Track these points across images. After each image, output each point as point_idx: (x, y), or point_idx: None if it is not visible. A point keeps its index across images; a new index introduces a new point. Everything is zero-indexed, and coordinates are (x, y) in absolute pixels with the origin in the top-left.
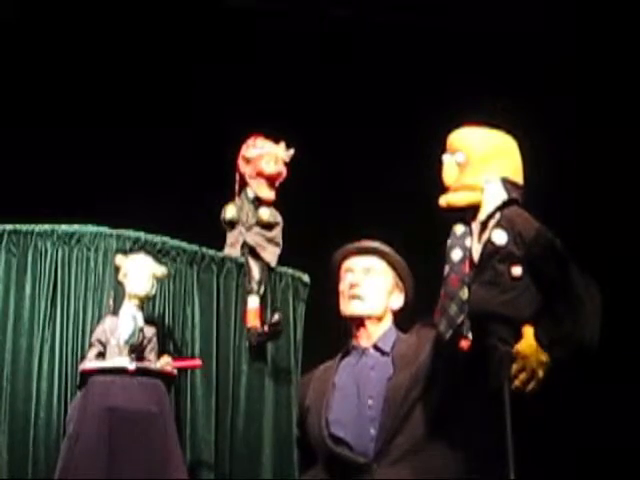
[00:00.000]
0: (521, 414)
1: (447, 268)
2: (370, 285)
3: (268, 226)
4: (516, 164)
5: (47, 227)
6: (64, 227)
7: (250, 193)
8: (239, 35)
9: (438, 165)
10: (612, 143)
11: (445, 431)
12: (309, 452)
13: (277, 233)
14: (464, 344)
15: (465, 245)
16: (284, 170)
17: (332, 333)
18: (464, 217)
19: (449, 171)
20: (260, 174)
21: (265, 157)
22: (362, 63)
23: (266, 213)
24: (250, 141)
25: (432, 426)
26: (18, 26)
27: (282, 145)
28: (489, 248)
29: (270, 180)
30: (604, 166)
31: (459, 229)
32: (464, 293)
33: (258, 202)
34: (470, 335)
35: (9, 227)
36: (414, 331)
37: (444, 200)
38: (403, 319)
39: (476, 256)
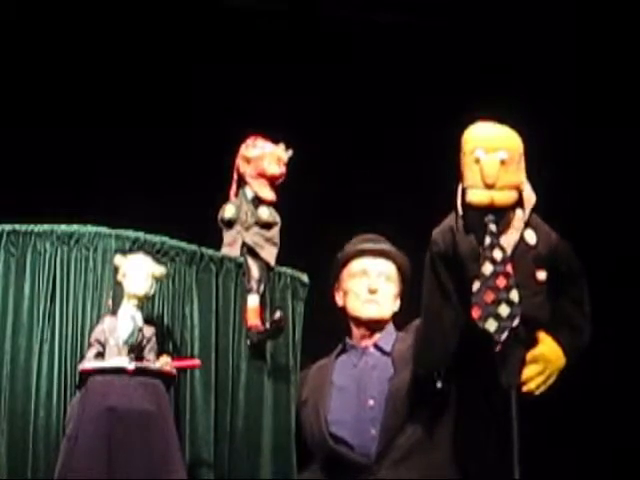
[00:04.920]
0: (525, 414)
1: (490, 267)
2: (386, 290)
3: (267, 226)
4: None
5: (46, 227)
6: (63, 227)
7: (249, 193)
8: (239, 35)
9: (439, 166)
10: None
11: (447, 431)
12: (303, 450)
13: (275, 233)
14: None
15: (502, 244)
16: (284, 171)
17: (331, 333)
18: (483, 215)
19: (492, 169)
20: (262, 174)
21: (267, 157)
22: (362, 63)
23: (265, 213)
24: (250, 141)
25: (434, 426)
26: (18, 26)
27: (282, 146)
28: (522, 247)
29: (271, 180)
30: (604, 165)
31: (494, 227)
32: (514, 294)
33: (257, 202)
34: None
35: (8, 227)
36: (411, 330)
37: (487, 197)
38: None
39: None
